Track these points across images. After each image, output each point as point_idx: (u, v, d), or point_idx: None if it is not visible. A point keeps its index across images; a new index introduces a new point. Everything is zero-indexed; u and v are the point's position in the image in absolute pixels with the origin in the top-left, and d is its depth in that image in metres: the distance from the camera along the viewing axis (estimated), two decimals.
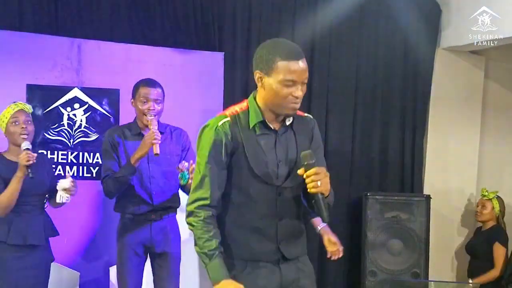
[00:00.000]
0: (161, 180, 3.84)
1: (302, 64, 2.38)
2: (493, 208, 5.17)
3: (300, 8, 5.15)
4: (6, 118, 3.65)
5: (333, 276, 5.33)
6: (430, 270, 5.09)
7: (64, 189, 3.64)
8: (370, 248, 5.04)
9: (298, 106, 2.43)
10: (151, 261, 3.94)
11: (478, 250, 5.15)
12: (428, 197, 5.12)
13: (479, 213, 5.21)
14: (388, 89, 5.48)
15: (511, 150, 5.79)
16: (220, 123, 2.46)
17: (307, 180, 2.35)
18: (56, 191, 3.69)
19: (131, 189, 3.78)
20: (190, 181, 3.72)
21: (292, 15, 5.14)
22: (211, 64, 4.71)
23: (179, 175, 3.79)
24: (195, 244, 2.42)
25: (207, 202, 2.42)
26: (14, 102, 3.75)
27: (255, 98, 2.49)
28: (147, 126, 3.80)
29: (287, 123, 2.51)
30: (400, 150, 5.50)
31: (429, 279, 5.05)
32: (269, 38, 5.03)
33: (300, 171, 2.38)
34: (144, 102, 3.78)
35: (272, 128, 2.49)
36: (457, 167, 5.60)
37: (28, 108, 3.76)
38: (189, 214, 2.45)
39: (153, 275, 3.94)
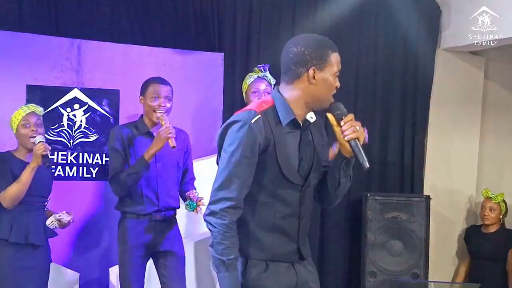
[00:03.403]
0: (167, 180, 3.86)
1: None
2: (501, 211, 5.17)
3: (300, 9, 5.15)
4: (18, 119, 3.71)
5: (333, 277, 5.33)
6: (430, 271, 5.08)
7: (59, 221, 3.69)
8: (370, 248, 5.03)
9: None
10: (154, 261, 3.93)
11: (493, 253, 5.11)
12: (428, 198, 5.11)
13: (488, 216, 5.19)
14: (388, 89, 5.47)
15: (511, 150, 5.79)
16: (253, 120, 2.31)
17: (344, 127, 2.32)
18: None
19: (137, 189, 3.78)
20: (198, 209, 3.75)
21: (292, 16, 5.14)
22: (211, 64, 4.71)
23: (186, 202, 3.82)
24: (211, 246, 2.31)
25: (233, 203, 2.30)
26: (26, 105, 3.81)
27: (281, 94, 2.41)
28: (156, 123, 3.82)
29: (311, 120, 2.46)
30: (400, 151, 5.50)
31: (429, 279, 5.05)
32: (269, 39, 5.12)
33: (331, 120, 2.36)
34: (155, 98, 3.79)
35: (301, 125, 2.43)
36: (457, 167, 5.59)
37: (40, 110, 3.80)
38: (212, 213, 2.31)
39: (159, 275, 3.93)
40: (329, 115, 2.37)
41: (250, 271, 2.36)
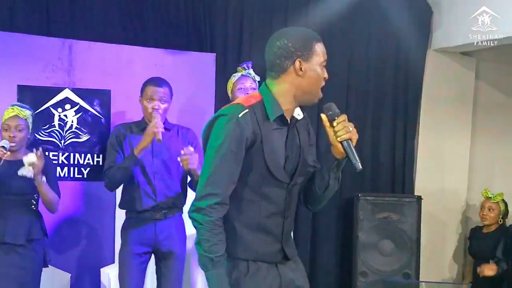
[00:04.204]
0: (165, 175, 3.87)
1: None
2: (500, 211, 5.18)
3: (292, 9, 5.16)
4: (2, 122, 3.73)
5: (324, 277, 5.34)
6: (421, 271, 5.10)
7: (30, 164, 3.61)
8: (361, 249, 5.04)
9: None
10: (155, 261, 3.93)
11: (493, 252, 5.03)
12: (419, 198, 5.13)
13: (487, 216, 5.20)
14: (380, 90, 5.49)
15: (502, 151, 5.81)
16: (240, 115, 2.26)
17: (337, 127, 2.28)
18: None
19: (135, 185, 3.82)
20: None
21: (284, 16, 5.14)
22: (202, 65, 4.70)
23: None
24: (197, 243, 2.23)
25: (219, 199, 2.23)
26: (12, 106, 3.79)
27: (269, 89, 2.37)
28: None
29: (299, 117, 2.42)
30: (391, 151, 5.52)
31: (420, 279, 5.07)
32: (261, 39, 5.07)
33: (324, 120, 2.32)
34: (150, 100, 3.86)
35: (289, 122, 2.39)
36: (448, 168, 5.61)
37: (24, 114, 3.77)
38: (197, 209, 2.23)
39: (156, 274, 3.94)
40: (323, 116, 2.33)
41: (230, 272, 2.31)
